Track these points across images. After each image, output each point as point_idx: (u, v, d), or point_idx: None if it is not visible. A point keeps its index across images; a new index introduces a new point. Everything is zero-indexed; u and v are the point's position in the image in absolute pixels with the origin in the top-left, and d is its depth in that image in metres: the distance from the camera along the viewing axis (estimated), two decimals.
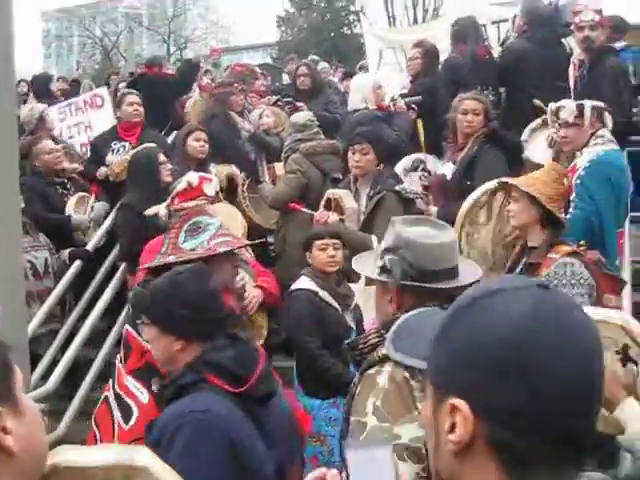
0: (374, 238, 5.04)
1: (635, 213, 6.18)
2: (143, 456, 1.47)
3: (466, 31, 6.88)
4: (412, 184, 5.54)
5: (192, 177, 4.38)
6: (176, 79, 8.35)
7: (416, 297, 2.28)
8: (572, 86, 6.25)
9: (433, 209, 5.35)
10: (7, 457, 1.27)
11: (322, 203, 5.58)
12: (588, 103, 5.01)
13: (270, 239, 6.98)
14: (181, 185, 4.31)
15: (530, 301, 1.09)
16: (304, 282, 4.61)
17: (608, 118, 5.03)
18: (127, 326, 3.33)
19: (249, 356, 2.53)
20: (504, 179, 4.17)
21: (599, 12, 6.18)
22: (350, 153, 5.49)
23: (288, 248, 6.25)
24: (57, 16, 50.84)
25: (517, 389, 1.04)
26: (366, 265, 2.57)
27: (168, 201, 4.32)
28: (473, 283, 2.31)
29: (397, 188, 5.30)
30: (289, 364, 6.09)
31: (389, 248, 2.35)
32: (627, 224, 5.61)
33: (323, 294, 4.55)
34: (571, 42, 6.88)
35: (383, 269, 2.33)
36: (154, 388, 3.01)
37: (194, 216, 3.39)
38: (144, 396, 3.04)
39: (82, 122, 7.97)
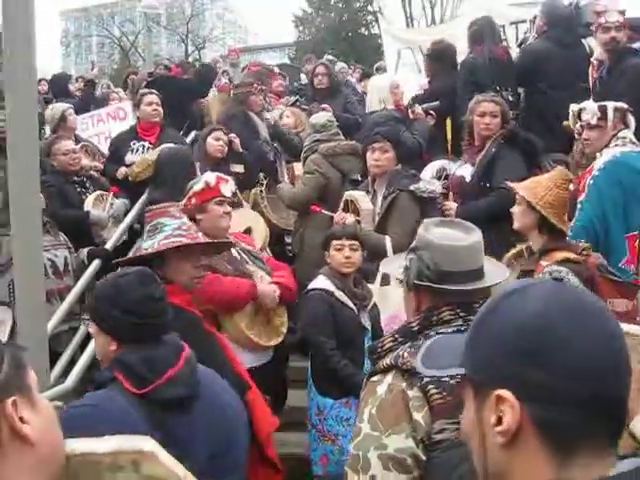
0: (388, 239, 5.06)
1: None
2: (150, 443, 1.52)
3: (483, 31, 6.86)
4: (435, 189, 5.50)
5: (209, 177, 4.39)
6: (194, 82, 8.38)
7: (432, 298, 2.28)
8: (591, 87, 6.22)
9: (453, 205, 5.35)
10: (27, 446, 1.30)
11: (340, 205, 5.59)
12: (611, 104, 4.98)
13: (288, 239, 7.00)
14: (199, 185, 4.32)
15: (546, 292, 1.21)
16: (320, 282, 4.62)
17: (631, 119, 5.00)
18: None
19: (163, 359, 2.51)
20: (508, 183, 4.19)
21: (622, 13, 6.15)
22: (369, 152, 5.45)
23: (306, 248, 6.26)
24: (76, 15, 51.17)
25: (549, 367, 1.14)
26: (394, 265, 2.61)
27: (184, 200, 4.32)
28: (493, 285, 2.31)
29: (411, 187, 5.26)
30: (304, 364, 6.13)
31: (412, 248, 2.38)
32: None
33: (339, 294, 4.54)
34: (591, 42, 6.86)
35: (405, 269, 2.36)
36: None
37: (156, 217, 3.34)
38: None
39: (102, 133, 8.06)
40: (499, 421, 1.19)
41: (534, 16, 7.18)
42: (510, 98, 6.46)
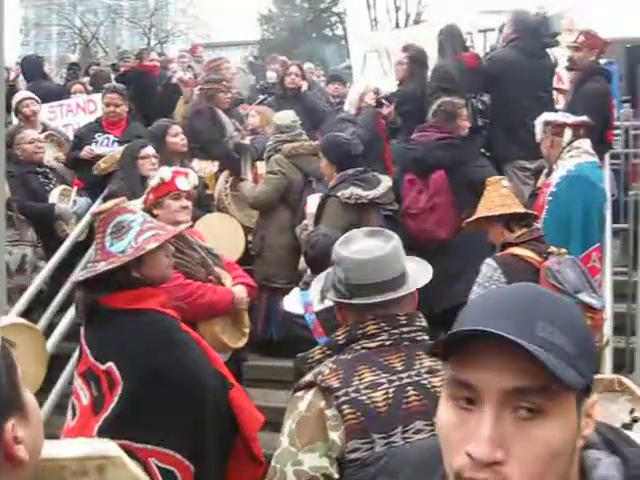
0: None
1: (615, 225, 6.27)
2: (114, 448, 1.52)
3: (444, 41, 6.91)
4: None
5: (164, 172, 4.36)
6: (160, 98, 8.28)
7: (356, 311, 2.28)
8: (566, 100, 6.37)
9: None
10: (19, 467, 1.27)
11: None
12: (541, 119, 5.12)
13: (250, 238, 6.97)
14: (154, 181, 4.30)
15: None
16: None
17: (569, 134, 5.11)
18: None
19: None
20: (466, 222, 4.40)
21: (588, 32, 6.27)
22: None
23: (267, 249, 6.27)
24: (36, 3, 50.33)
25: None
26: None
27: (144, 197, 4.31)
28: (408, 293, 2.29)
29: (338, 194, 5.30)
30: (262, 363, 6.13)
31: (333, 263, 2.39)
32: (609, 235, 5.67)
33: None
34: (556, 53, 6.96)
35: (323, 285, 2.40)
36: None
37: (115, 216, 3.17)
38: (86, 398, 3.01)
39: (71, 124, 7.94)
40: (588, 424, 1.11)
41: (502, 24, 7.25)
42: (479, 106, 6.52)
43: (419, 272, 2.39)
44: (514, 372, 1.03)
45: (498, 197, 4.12)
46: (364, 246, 2.31)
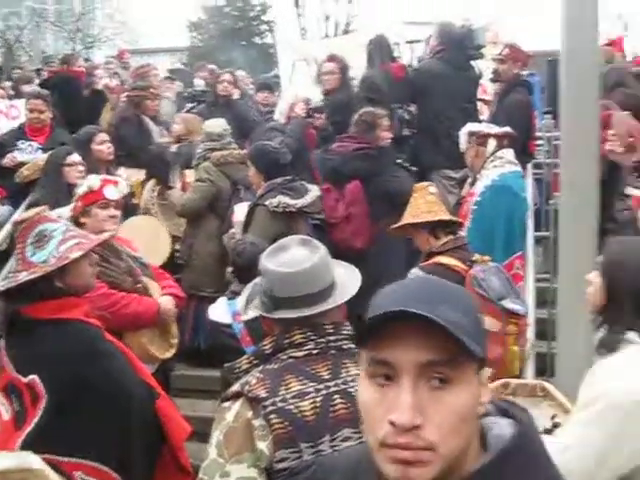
0: None
1: (537, 233, 6.43)
2: (37, 461, 1.51)
3: (373, 51, 6.98)
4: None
5: (93, 180, 4.31)
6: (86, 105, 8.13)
7: (277, 323, 2.29)
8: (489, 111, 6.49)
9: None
10: None
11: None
12: (465, 129, 5.23)
13: (177, 247, 6.91)
14: (82, 189, 4.25)
15: None
16: None
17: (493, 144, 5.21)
18: None
19: None
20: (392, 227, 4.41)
21: (512, 45, 6.42)
22: None
23: (195, 257, 6.23)
24: None
25: None
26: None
27: (72, 205, 4.26)
28: (335, 307, 2.28)
29: (266, 202, 5.34)
30: (190, 373, 6.09)
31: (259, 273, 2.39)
32: (531, 243, 5.81)
33: None
34: (481, 65, 7.11)
35: (247, 297, 2.45)
36: None
37: (36, 225, 3.11)
38: (7, 413, 2.94)
39: None
40: None
41: (429, 36, 7.36)
42: (406, 116, 6.61)
43: (348, 280, 2.38)
44: (428, 348, 1.17)
45: (425, 204, 4.16)
46: (290, 258, 2.28)
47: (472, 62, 6.90)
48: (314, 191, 5.53)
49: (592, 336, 2.66)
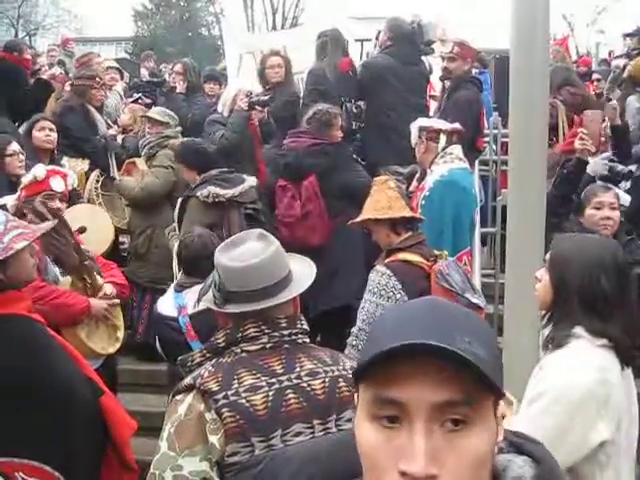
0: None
1: (483, 229, 6.50)
2: None
3: (327, 45, 6.95)
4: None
5: (38, 170, 4.25)
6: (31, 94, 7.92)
7: (231, 316, 2.27)
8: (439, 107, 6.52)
9: None
10: None
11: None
12: (416, 124, 5.25)
13: (122, 238, 6.81)
14: (27, 178, 4.20)
15: None
16: None
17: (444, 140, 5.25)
18: None
19: None
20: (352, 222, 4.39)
21: (462, 43, 6.45)
22: None
23: (154, 250, 6.20)
24: None
25: None
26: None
27: (17, 194, 4.18)
28: (287, 301, 2.26)
29: (197, 194, 5.35)
30: (135, 367, 6.02)
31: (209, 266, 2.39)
32: (477, 238, 5.86)
33: None
34: (431, 61, 7.13)
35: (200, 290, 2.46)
36: None
37: None
38: None
39: None
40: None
41: (378, 32, 7.35)
42: (354, 110, 6.59)
43: (302, 274, 2.36)
44: (444, 386, 1.02)
45: (385, 199, 4.15)
46: (242, 252, 2.26)
47: (422, 57, 6.91)
48: (249, 181, 5.54)
49: (539, 332, 2.68)
